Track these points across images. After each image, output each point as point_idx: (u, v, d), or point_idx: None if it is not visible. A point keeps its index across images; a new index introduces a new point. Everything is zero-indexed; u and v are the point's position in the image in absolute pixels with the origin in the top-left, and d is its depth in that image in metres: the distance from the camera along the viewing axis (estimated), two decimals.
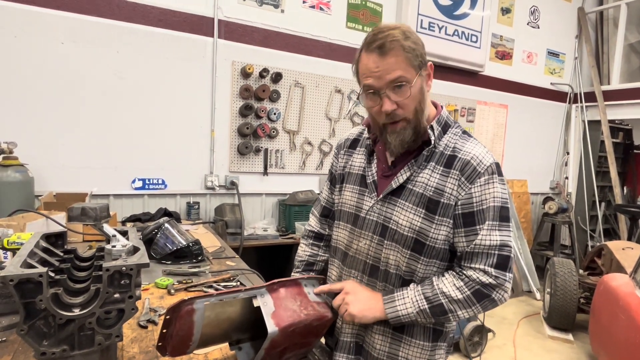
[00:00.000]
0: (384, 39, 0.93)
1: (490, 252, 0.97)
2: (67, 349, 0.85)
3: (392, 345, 1.06)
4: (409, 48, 0.94)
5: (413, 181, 1.02)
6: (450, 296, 0.97)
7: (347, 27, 3.68)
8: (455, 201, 0.99)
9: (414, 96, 0.97)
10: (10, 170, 2.25)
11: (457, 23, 4.15)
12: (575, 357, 3.25)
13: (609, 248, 3.51)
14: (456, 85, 4.44)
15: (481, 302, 0.98)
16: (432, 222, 0.99)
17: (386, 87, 0.95)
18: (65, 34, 2.61)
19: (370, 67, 0.96)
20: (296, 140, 3.52)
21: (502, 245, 0.98)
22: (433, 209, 0.99)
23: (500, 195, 0.99)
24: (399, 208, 1.03)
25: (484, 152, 1.01)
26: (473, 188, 0.98)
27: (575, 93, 5.41)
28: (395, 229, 1.03)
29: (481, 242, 0.97)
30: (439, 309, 0.98)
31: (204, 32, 3.04)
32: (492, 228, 0.97)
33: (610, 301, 2.65)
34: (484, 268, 0.97)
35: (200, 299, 0.86)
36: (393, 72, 0.94)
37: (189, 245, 1.92)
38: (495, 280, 0.96)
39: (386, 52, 0.93)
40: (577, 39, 5.41)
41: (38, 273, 0.81)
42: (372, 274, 1.08)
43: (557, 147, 5.54)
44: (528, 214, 5.28)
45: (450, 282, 0.99)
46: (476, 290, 0.97)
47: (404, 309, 1.00)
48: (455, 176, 0.99)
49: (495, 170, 0.99)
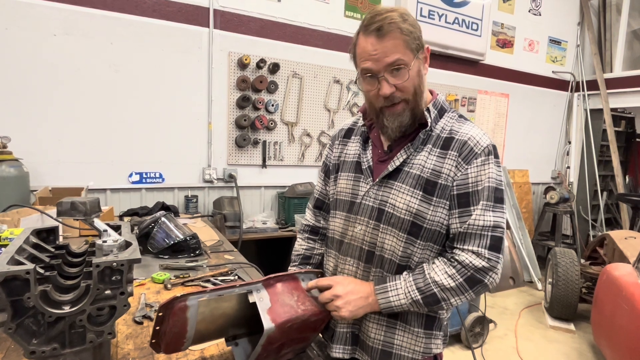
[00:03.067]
0: (382, 21, 0.92)
1: (484, 233, 0.95)
2: (57, 347, 0.83)
3: (387, 333, 1.05)
4: (406, 31, 0.93)
5: (410, 163, 1.01)
6: (443, 285, 0.96)
7: (345, 16, 3.61)
8: (451, 182, 0.98)
9: (412, 78, 0.96)
10: (4, 165, 2.22)
11: (458, 11, 4.08)
12: (577, 347, 3.24)
13: (611, 237, 3.48)
14: (456, 75, 4.38)
15: (474, 288, 0.96)
16: (430, 204, 0.98)
17: (384, 71, 0.95)
18: (57, 25, 2.56)
19: (368, 49, 0.94)
20: (295, 132, 3.48)
21: (495, 226, 0.96)
22: (430, 190, 0.98)
23: (495, 177, 0.98)
24: (396, 191, 1.01)
25: (481, 134, 1.00)
26: (469, 168, 0.97)
27: (577, 81, 5.35)
28: (391, 212, 1.01)
29: (474, 222, 0.96)
30: (432, 299, 0.97)
31: (199, 23, 2.99)
32: (486, 208, 0.96)
33: (613, 291, 2.63)
34: (477, 250, 0.95)
35: (193, 296, 0.84)
36: (392, 55, 0.93)
37: (186, 239, 1.89)
38: (488, 262, 0.95)
39: (384, 35, 0.92)
40: (580, 26, 5.33)
41: (25, 270, 0.78)
42: (367, 260, 1.06)
43: (559, 136, 5.49)
44: (529, 204, 5.25)
45: (441, 270, 0.97)
46: (469, 277, 0.95)
47: (396, 300, 0.99)
48: (452, 157, 0.98)
49: (492, 151, 0.98)
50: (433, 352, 1.07)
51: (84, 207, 0.99)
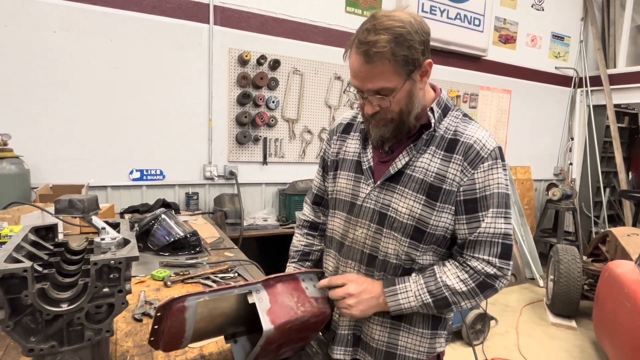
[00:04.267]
0: (371, 45, 0.86)
1: (495, 241, 0.95)
2: (55, 344, 0.83)
3: (392, 335, 1.04)
4: (399, 57, 0.87)
5: (412, 166, 0.98)
6: (455, 289, 0.96)
7: (346, 11, 3.59)
8: (457, 187, 0.95)
9: (398, 101, 0.93)
10: (5, 162, 2.22)
11: (460, 6, 4.05)
12: (578, 344, 3.24)
13: (613, 234, 3.47)
14: (458, 71, 4.35)
15: (484, 292, 0.97)
16: (433, 209, 0.96)
17: (368, 93, 0.93)
18: (57, 22, 2.55)
19: (355, 68, 0.92)
20: (295, 129, 3.47)
21: (505, 234, 0.96)
22: (434, 195, 0.96)
23: (504, 182, 0.96)
24: (398, 195, 0.99)
25: (487, 136, 0.97)
26: (476, 174, 0.94)
27: (580, 77, 5.31)
28: (394, 216, 0.99)
29: (485, 230, 0.94)
30: (443, 302, 0.97)
31: (199, 19, 2.97)
32: (497, 216, 0.95)
33: (614, 288, 2.62)
34: (489, 259, 0.95)
35: (192, 297, 0.83)
36: (376, 82, 0.90)
37: (187, 236, 1.89)
38: (500, 271, 0.95)
39: (370, 62, 0.88)
40: (583, 21, 5.28)
41: (22, 268, 0.77)
42: (369, 263, 1.05)
43: (562, 132, 5.45)
44: (531, 201, 5.23)
45: (453, 274, 0.97)
46: (481, 282, 0.96)
47: (406, 302, 0.98)
48: (457, 161, 0.95)
49: (499, 155, 0.96)
50: (437, 350, 1.07)
51: (82, 204, 0.99)
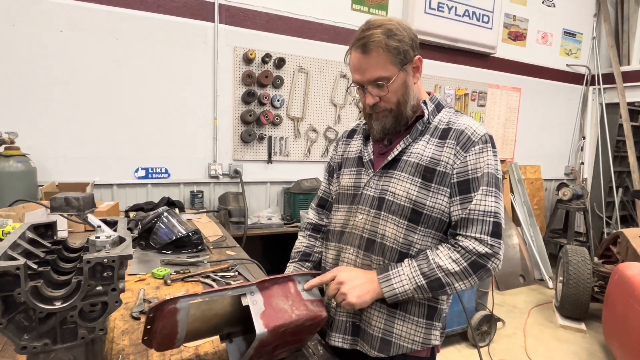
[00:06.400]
0: (367, 38, 0.99)
1: (485, 219, 0.98)
2: (49, 342, 0.83)
3: (388, 322, 1.06)
4: (391, 47, 0.99)
5: (408, 152, 1.06)
6: (447, 269, 0.97)
7: (352, 9, 3.56)
8: (451, 170, 1.01)
9: (395, 90, 1.03)
10: (12, 160, 2.25)
11: (468, 3, 3.98)
12: (587, 347, 3.17)
13: (625, 235, 3.39)
14: (466, 68, 4.29)
15: (477, 272, 0.98)
16: (429, 191, 1.02)
17: (367, 84, 1.03)
18: (63, 22, 2.57)
19: (355, 64, 1.04)
20: (300, 127, 3.46)
21: (495, 212, 0.99)
22: (429, 177, 1.02)
23: (494, 164, 1.01)
24: (395, 179, 1.05)
25: (478, 124, 1.05)
26: (468, 156, 1.01)
27: (593, 75, 5.20)
28: (392, 200, 1.04)
29: (476, 207, 0.98)
30: (437, 283, 0.98)
31: (204, 17, 2.97)
32: (487, 194, 0.99)
33: (625, 291, 2.56)
34: (480, 237, 0.97)
35: (184, 299, 0.83)
36: (373, 71, 1.01)
37: (189, 234, 1.89)
38: (491, 249, 0.97)
39: (367, 52, 1.00)
40: (596, 17, 5.16)
41: (15, 266, 0.77)
42: (367, 248, 1.08)
43: (573, 131, 5.35)
44: (541, 201, 5.14)
45: (446, 255, 0.99)
46: (472, 262, 0.97)
47: (400, 286, 0.99)
48: (450, 145, 1.02)
49: (489, 140, 1.02)
50: (432, 343, 1.08)
51: (78, 202, 0.99)
